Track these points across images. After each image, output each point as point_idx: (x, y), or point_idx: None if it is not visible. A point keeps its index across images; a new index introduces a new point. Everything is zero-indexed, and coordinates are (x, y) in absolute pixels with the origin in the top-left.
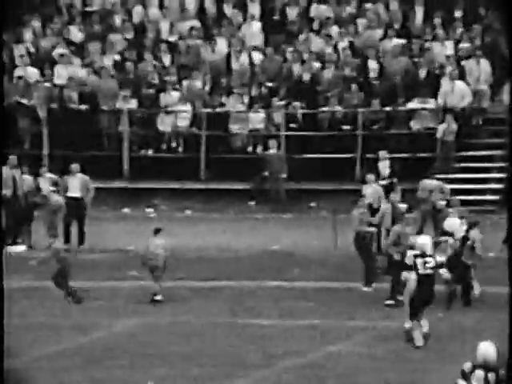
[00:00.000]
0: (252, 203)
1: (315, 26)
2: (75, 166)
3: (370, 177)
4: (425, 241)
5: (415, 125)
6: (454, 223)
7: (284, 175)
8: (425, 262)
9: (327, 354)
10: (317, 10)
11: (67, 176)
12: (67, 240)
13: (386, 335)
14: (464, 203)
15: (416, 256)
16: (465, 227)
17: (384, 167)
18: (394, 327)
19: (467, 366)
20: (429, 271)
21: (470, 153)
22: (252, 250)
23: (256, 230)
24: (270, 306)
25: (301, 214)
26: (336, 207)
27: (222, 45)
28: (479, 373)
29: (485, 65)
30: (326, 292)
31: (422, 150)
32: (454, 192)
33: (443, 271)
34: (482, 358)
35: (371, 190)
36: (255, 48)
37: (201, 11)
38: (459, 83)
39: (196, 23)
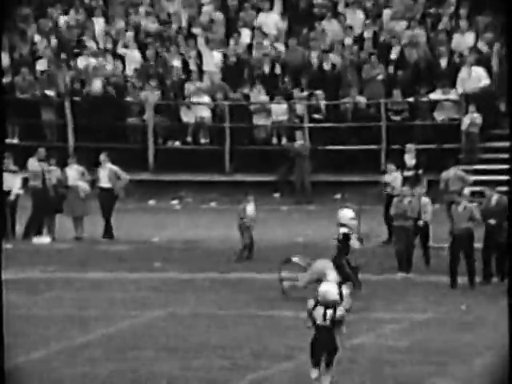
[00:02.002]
0: (277, 195)
1: (340, 9)
2: (104, 157)
3: (391, 166)
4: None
5: (439, 116)
6: None
7: (309, 167)
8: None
9: (352, 346)
10: None
11: (97, 167)
12: (107, 231)
13: (412, 327)
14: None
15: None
16: None
17: (410, 159)
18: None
19: (310, 303)
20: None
21: (495, 144)
22: (277, 241)
23: (281, 222)
24: (293, 298)
25: (326, 205)
26: (361, 199)
27: (244, 36)
28: (319, 309)
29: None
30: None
31: (447, 141)
32: (480, 183)
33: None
34: (321, 296)
35: (391, 179)
36: (277, 38)
37: (223, 2)
38: (476, 68)
39: (218, 14)
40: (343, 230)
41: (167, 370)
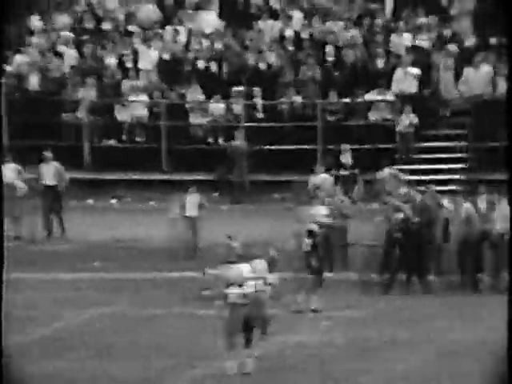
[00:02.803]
0: (216, 194)
1: (275, 10)
2: (48, 154)
3: (319, 168)
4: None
5: (373, 116)
6: None
7: (247, 166)
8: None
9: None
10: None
11: (41, 164)
12: (49, 229)
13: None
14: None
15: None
16: None
17: (346, 159)
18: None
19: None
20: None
21: (430, 144)
22: (217, 241)
23: (220, 221)
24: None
25: (264, 205)
26: (299, 198)
27: (181, 33)
28: (233, 288)
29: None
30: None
31: (382, 141)
32: (416, 183)
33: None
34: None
35: (320, 180)
36: (213, 36)
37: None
38: (412, 69)
39: (155, 11)
40: (312, 226)
41: (104, 370)
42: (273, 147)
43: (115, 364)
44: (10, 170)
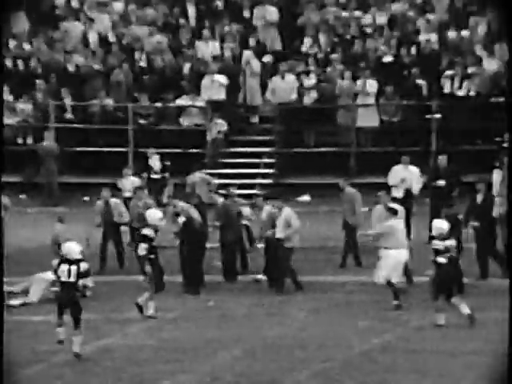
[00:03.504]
0: (23, 196)
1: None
2: None
3: (126, 170)
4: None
5: (185, 121)
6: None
7: (56, 168)
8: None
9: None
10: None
11: None
12: None
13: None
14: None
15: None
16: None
17: (153, 162)
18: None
19: (55, 262)
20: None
21: (239, 149)
22: (26, 245)
23: (29, 224)
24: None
25: (75, 207)
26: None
27: None
28: (63, 266)
29: (255, 64)
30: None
31: (192, 146)
32: (223, 186)
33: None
34: (65, 253)
35: (128, 183)
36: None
37: None
38: (218, 77)
39: None
40: (147, 231)
41: None
42: (83, 149)
43: None
44: None
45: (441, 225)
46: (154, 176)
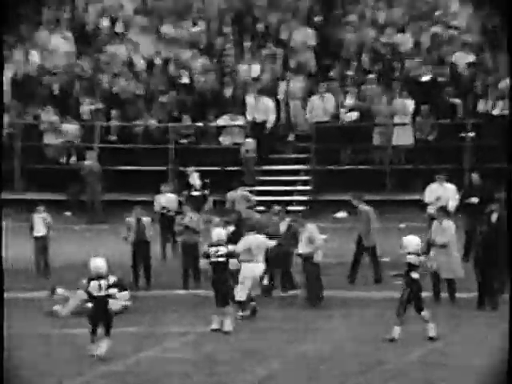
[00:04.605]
0: (69, 213)
1: (121, 35)
2: None
3: (165, 188)
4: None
5: (224, 140)
6: None
7: (100, 186)
8: (217, 251)
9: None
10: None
11: None
12: None
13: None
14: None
15: (210, 245)
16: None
17: (194, 180)
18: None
19: (84, 282)
20: (220, 259)
21: (274, 167)
22: (71, 260)
23: (74, 241)
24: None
25: (118, 224)
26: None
27: (33, 54)
28: (93, 282)
29: (296, 85)
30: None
31: (231, 164)
32: (262, 203)
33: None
34: (93, 270)
35: (165, 200)
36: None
37: None
38: (265, 99)
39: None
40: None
41: None
42: (124, 167)
43: None
44: None
45: (416, 241)
46: (194, 193)
